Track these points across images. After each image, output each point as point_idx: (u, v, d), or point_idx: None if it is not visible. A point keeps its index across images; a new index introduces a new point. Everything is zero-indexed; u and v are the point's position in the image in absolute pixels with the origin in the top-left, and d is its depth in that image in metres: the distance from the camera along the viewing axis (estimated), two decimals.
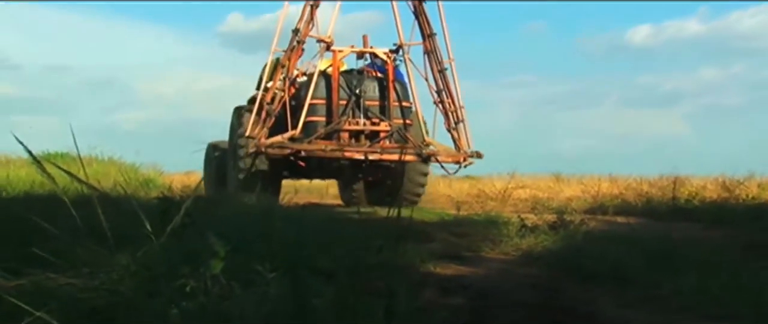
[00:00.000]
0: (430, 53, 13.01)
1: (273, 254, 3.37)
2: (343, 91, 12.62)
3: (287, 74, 12.64)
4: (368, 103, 12.70)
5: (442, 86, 13.00)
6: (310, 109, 12.42)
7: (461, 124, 12.91)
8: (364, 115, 12.66)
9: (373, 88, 12.83)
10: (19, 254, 3.12)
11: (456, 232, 7.91)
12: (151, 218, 2.92)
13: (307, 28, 12.67)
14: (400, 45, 13.05)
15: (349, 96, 12.61)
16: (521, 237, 7.02)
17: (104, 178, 13.42)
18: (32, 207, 5.49)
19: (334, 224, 6.53)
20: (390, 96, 12.74)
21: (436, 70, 13.00)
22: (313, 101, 12.44)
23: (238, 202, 8.32)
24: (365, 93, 12.67)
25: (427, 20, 12.96)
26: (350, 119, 12.55)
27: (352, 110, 12.60)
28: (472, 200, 15.38)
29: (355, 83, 12.66)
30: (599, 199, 15.27)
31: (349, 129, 12.56)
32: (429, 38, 12.97)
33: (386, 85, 12.87)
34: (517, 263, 6.19)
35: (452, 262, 5.95)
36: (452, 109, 12.97)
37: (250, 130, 12.26)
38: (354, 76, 12.89)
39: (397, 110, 12.81)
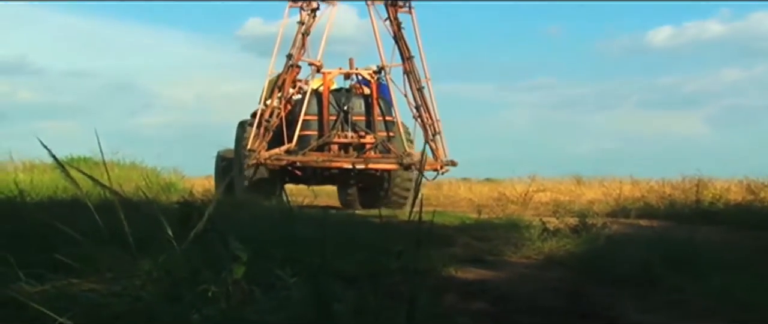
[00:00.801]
0: (408, 73, 14.78)
1: (294, 259, 3.37)
2: (333, 107, 14.42)
3: (283, 93, 14.48)
4: (355, 118, 14.43)
5: (420, 102, 14.71)
6: (304, 124, 14.25)
7: (438, 136, 14.63)
8: (352, 129, 14.39)
9: (360, 105, 14.58)
10: (43, 259, 3.13)
11: (477, 236, 7.87)
12: (172, 223, 2.93)
13: (299, 53, 14.66)
14: (382, 66, 14.86)
15: (338, 112, 14.40)
16: (543, 240, 6.98)
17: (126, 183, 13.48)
18: (56, 212, 5.54)
19: (355, 228, 6.52)
20: (374, 111, 14.50)
21: (415, 88, 14.76)
22: (307, 117, 14.28)
23: (259, 206, 8.34)
24: (352, 109, 14.43)
25: (405, 44, 14.78)
26: (339, 133, 14.30)
27: (341, 125, 14.36)
28: (493, 203, 15.32)
29: (344, 100, 14.47)
30: (621, 202, 15.17)
31: (339, 141, 14.29)
32: (407, 60, 14.73)
33: (371, 101, 14.61)
34: (540, 267, 6.15)
35: (474, 266, 5.92)
36: (430, 122, 14.68)
37: (250, 144, 14.08)
38: (342, 94, 14.68)
39: (382, 124, 14.60)
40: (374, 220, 8.41)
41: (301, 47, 14.70)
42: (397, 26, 14.81)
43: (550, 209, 12.91)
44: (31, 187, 12.65)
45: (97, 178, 3.11)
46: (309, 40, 14.81)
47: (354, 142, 14.42)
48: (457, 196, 21.95)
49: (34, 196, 10.72)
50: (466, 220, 10.40)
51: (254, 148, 13.99)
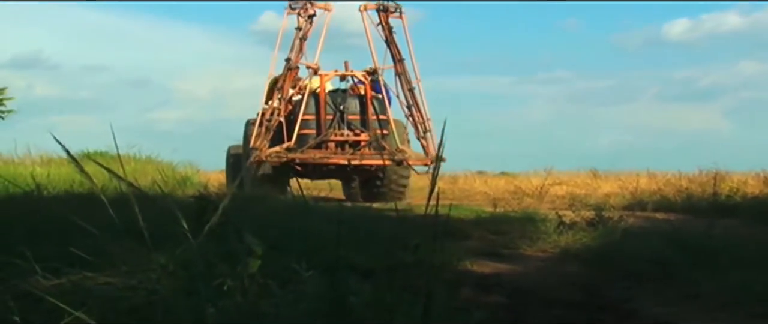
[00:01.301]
0: (400, 75, 15.85)
1: (310, 252, 3.36)
2: (330, 108, 15.55)
3: (282, 95, 15.53)
4: (350, 117, 15.59)
5: (411, 102, 15.76)
6: (303, 124, 15.40)
7: (428, 133, 15.62)
8: (348, 128, 15.56)
9: (355, 105, 15.72)
10: (60, 253, 3.14)
11: (493, 230, 7.87)
12: (188, 217, 2.93)
13: (297, 56, 15.71)
14: (374, 68, 15.94)
15: (334, 112, 15.52)
16: (559, 234, 6.96)
17: (142, 177, 13.54)
18: (72, 206, 5.56)
19: (371, 222, 6.52)
20: (368, 111, 15.64)
21: (406, 89, 15.80)
22: (305, 117, 15.43)
23: (275, 200, 8.36)
24: (348, 109, 15.58)
25: (396, 48, 15.82)
26: (336, 131, 15.44)
27: (338, 124, 15.48)
28: (509, 197, 15.31)
29: (340, 101, 15.60)
30: (638, 195, 15.09)
31: (335, 139, 15.45)
32: (399, 62, 15.78)
33: (366, 101, 15.73)
34: (556, 260, 6.13)
35: (490, 260, 5.91)
36: (421, 121, 15.72)
37: (253, 142, 15.19)
38: (339, 95, 15.79)
39: (375, 122, 15.68)
40: (390, 213, 8.40)
41: (299, 51, 15.75)
42: (388, 31, 15.84)
43: (566, 203, 12.88)
44: (48, 180, 12.72)
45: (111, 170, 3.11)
46: (306, 44, 15.91)
47: (350, 140, 15.56)
48: (472, 189, 21.92)
49: (51, 189, 10.77)
50: (482, 213, 10.39)
51: (256, 146, 15.09)
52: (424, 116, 15.70)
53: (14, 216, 5.58)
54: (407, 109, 15.90)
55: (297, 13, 15.83)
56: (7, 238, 4.06)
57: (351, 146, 15.59)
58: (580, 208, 8.81)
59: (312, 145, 15.35)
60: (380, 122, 15.82)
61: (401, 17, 15.96)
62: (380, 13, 15.93)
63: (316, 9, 15.89)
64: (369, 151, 15.52)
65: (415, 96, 15.81)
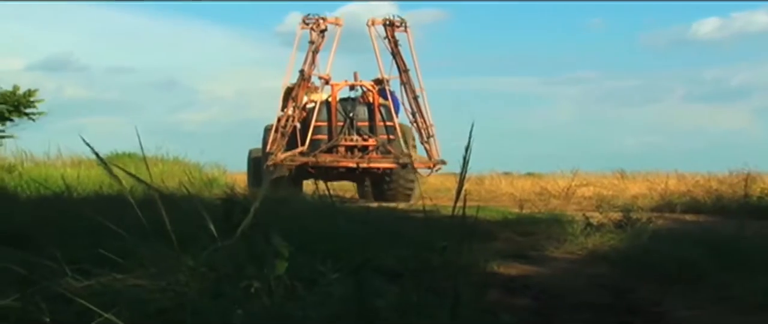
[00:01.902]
0: (405, 84, 17.31)
1: (336, 254, 3.36)
2: (340, 115, 16.92)
3: (296, 103, 16.96)
4: (359, 123, 16.95)
5: (415, 110, 17.20)
6: (315, 130, 16.79)
7: (432, 139, 17.03)
8: (357, 133, 16.87)
9: (364, 112, 17.11)
10: (89, 254, 3.17)
11: (519, 231, 7.83)
12: (215, 219, 2.94)
13: (310, 68, 17.14)
14: (381, 78, 17.36)
15: (344, 119, 16.89)
16: (586, 236, 6.90)
17: (169, 178, 13.65)
18: (101, 207, 5.61)
19: (397, 223, 6.51)
20: (376, 117, 16.99)
21: (411, 97, 17.30)
22: (318, 124, 16.82)
23: (302, 201, 8.38)
24: (357, 116, 16.96)
25: (402, 59, 17.26)
26: (346, 137, 16.78)
27: (347, 130, 16.84)
28: (535, 198, 15.25)
29: (350, 108, 17.01)
30: (666, 196, 14.95)
31: (345, 144, 16.77)
32: (404, 73, 17.25)
33: (373, 109, 17.11)
34: (583, 263, 6.09)
35: (516, 262, 5.88)
36: (424, 127, 17.12)
37: (269, 147, 16.70)
38: (349, 103, 17.19)
39: (383, 128, 17.04)
40: (417, 214, 8.39)
41: (311, 63, 17.18)
42: (394, 44, 17.30)
43: (593, 204, 12.79)
44: (77, 182, 12.86)
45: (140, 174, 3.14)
46: (319, 57, 17.41)
47: (359, 145, 16.88)
48: (498, 190, 21.86)
49: (81, 191, 10.89)
50: (508, 215, 10.34)
51: (272, 150, 16.52)
52: (428, 122, 17.12)
53: (45, 217, 5.64)
54: (412, 115, 17.35)
55: (310, 28, 17.22)
56: (38, 240, 4.11)
57: (360, 150, 16.90)
58: (607, 210, 8.74)
59: (323, 149, 16.67)
60: (387, 128, 17.20)
61: (406, 31, 17.38)
62: (387, 27, 17.37)
63: (328, 24, 17.36)
64: (376, 154, 16.85)
65: (419, 103, 17.25)
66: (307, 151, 16.64)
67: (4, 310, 2.60)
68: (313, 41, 17.23)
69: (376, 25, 17.49)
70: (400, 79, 17.36)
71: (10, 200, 9.23)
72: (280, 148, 16.62)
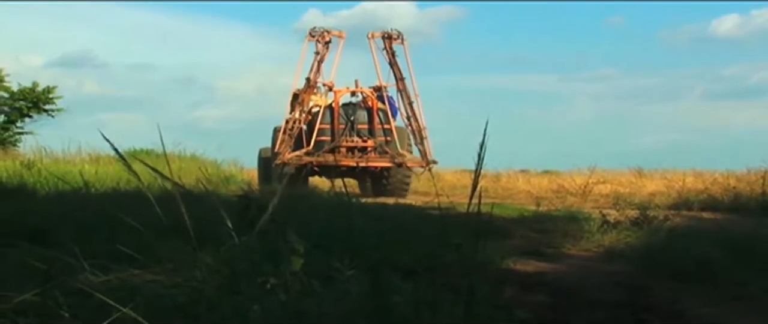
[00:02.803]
0: (401, 91, 19.23)
1: (352, 251, 3.36)
2: (342, 118, 18.79)
3: (302, 107, 18.83)
4: (360, 126, 18.83)
5: (410, 114, 19.08)
6: (319, 132, 18.68)
7: (425, 140, 18.96)
8: (357, 135, 18.76)
9: (363, 116, 18.98)
10: (108, 250, 3.19)
11: (536, 228, 7.81)
12: (231, 215, 2.95)
13: (315, 76, 19.09)
14: (379, 86, 19.34)
15: (346, 122, 18.76)
16: (603, 233, 6.88)
17: (186, 175, 13.72)
18: (119, 203, 5.65)
19: (413, 220, 6.51)
20: (374, 121, 18.87)
21: (406, 103, 19.14)
22: (321, 126, 18.74)
23: (318, 198, 8.39)
24: (357, 120, 18.83)
25: (399, 68, 19.18)
26: (347, 138, 18.66)
27: (349, 132, 18.71)
28: (552, 195, 15.21)
29: (351, 113, 18.90)
30: (684, 194, 14.85)
31: (346, 145, 18.62)
32: (400, 81, 19.15)
33: (372, 113, 18.98)
34: (599, 260, 6.06)
35: (532, 259, 5.87)
36: (418, 130, 18.97)
37: (278, 147, 18.45)
38: (350, 108, 19.12)
39: (381, 131, 18.93)
40: (432, 211, 8.38)
41: (317, 71, 19.10)
42: (391, 55, 19.18)
43: (610, 201, 12.72)
44: (96, 178, 12.97)
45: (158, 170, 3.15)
46: (323, 66, 19.36)
47: (358, 146, 18.71)
48: (515, 188, 21.81)
49: (99, 187, 10.96)
50: (525, 212, 10.31)
51: (280, 150, 18.24)
52: (421, 125, 18.97)
53: (63, 213, 5.69)
54: (407, 119, 19.21)
55: (316, 40, 19.06)
56: (56, 235, 4.15)
57: (359, 151, 18.74)
58: (624, 207, 8.68)
59: (327, 149, 18.48)
60: (385, 131, 19.06)
61: (403, 44, 19.31)
62: (385, 40, 19.27)
63: (332, 36, 19.19)
64: (375, 155, 18.70)
65: (414, 109, 19.14)
66: (312, 151, 18.47)
67: (24, 305, 2.62)
68: (319, 52, 19.09)
69: (375, 38, 19.42)
70: (397, 87, 19.24)
71: (30, 196, 9.32)
72: (287, 148, 18.35)
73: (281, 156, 18.19)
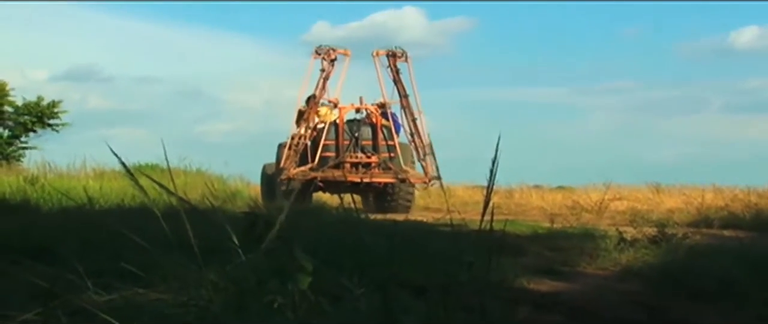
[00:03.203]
0: (405, 108, 19.97)
1: (362, 269, 3.36)
2: (347, 134, 19.44)
3: (308, 124, 19.57)
4: (364, 142, 19.48)
5: (414, 131, 19.81)
6: (324, 148, 19.27)
7: (428, 157, 19.65)
8: (361, 151, 19.40)
9: (368, 132, 19.63)
10: (112, 267, 3.20)
11: (550, 246, 7.77)
12: (238, 232, 2.96)
13: (321, 93, 19.86)
14: (383, 103, 20.09)
15: (350, 138, 19.42)
16: (620, 251, 6.85)
17: (192, 190, 13.77)
18: (124, 219, 5.66)
19: (424, 238, 6.50)
20: (378, 137, 19.57)
21: (410, 119, 19.91)
22: (326, 142, 19.34)
23: (326, 214, 8.40)
24: (362, 136, 19.47)
25: (402, 86, 19.95)
26: (352, 154, 19.29)
27: (353, 148, 19.32)
28: (567, 212, 15.17)
29: (355, 129, 19.57)
30: (703, 211, 14.79)
31: (351, 161, 19.26)
32: (404, 98, 19.87)
33: (376, 129, 19.66)
34: (616, 279, 6.04)
35: (547, 278, 5.84)
36: (421, 146, 19.75)
37: (283, 163, 19.19)
38: (354, 124, 19.78)
39: (384, 147, 19.63)
40: (443, 228, 8.37)
41: (322, 89, 19.87)
42: (395, 72, 19.93)
43: (626, 218, 12.67)
44: (100, 194, 13.01)
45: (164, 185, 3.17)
46: (329, 83, 20.09)
47: (362, 161, 19.35)
48: (528, 204, 21.77)
49: (103, 203, 11.01)
50: (539, 229, 10.28)
51: (285, 166, 19.00)
52: (424, 142, 19.74)
53: (67, 229, 5.71)
54: (411, 136, 19.94)
55: (321, 58, 19.77)
56: (59, 253, 4.16)
57: (363, 167, 19.41)
58: (641, 225, 8.65)
59: (331, 165, 19.13)
60: (388, 147, 19.80)
61: (407, 61, 20.05)
62: (389, 58, 19.98)
63: (337, 54, 19.98)
64: (378, 170, 19.40)
65: (417, 125, 19.82)
66: (317, 167, 19.17)
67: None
68: (324, 69, 19.85)
69: (380, 55, 20.18)
70: (401, 104, 20.01)
71: (33, 212, 9.36)
72: (292, 163, 19.10)
73: (286, 171, 18.94)
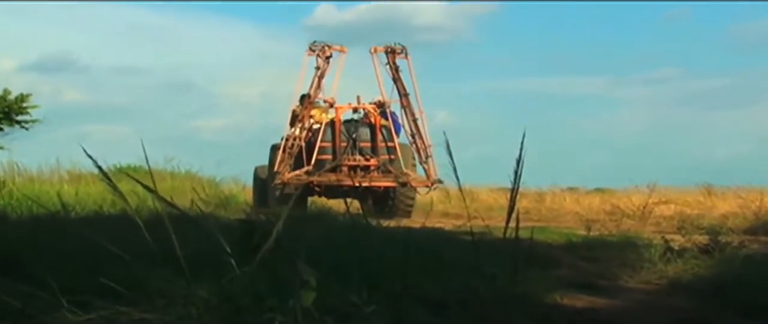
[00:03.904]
0: (405, 108, 20.75)
1: (372, 282, 3.37)
2: (344, 136, 20.23)
3: (302, 125, 20.25)
4: (362, 144, 20.29)
5: (414, 132, 20.61)
6: (320, 150, 20.06)
7: (430, 159, 20.51)
8: (359, 153, 20.21)
9: (366, 133, 20.43)
10: (89, 283, 3.22)
11: (586, 256, 7.78)
12: (232, 242, 2.97)
13: (315, 92, 20.58)
14: (382, 102, 20.88)
15: (348, 140, 20.17)
16: (666, 262, 6.84)
17: (180, 195, 13.82)
18: (103, 229, 5.69)
19: (442, 246, 6.52)
20: (377, 138, 20.39)
21: (410, 119, 20.68)
22: (322, 144, 20.13)
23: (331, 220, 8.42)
24: (360, 137, 20.29)
25: (402, 84, 20.68)
26: (349, 157, 20.11)
27: (351, 150, 20.13)
28: (605, 218, 15.14)
29: (353, 130, 20.34)
30: (761, 216, 14.75)
31: (348, 164, 20.03)
32: (404, 97, 20.64)
33: (375, 130, 20.43)
34: (662, 294, 6.04)
35: (583, 292, 5.85)
36: (423, 147, 20.59)
37: (277, 166, 19.78)
38: (352, 124, 20.54)
39: (384, 149, 20.44)
40: (464, 236, 8.39)
41: (317, 87, 20.60)
42: (395, 70, 20.74)
43: (674, 225, 12.66)
44: (76, 200, 13.07)
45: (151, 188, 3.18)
46: (324, 82, 20.77)
47: (361, 164, 20.13)
48: (561, 208, 21.76)
49: (80, 210, 11.06)
50: (573, 237, 10.28)
51: (279, 170, 19.63)
52: (426, 143, 20.58)
53: (39, 240, 5.74)
54: (411, 137, 20.77)
55: (316, 55, 20.55)
56: (30, 267, 4.18)
57: (362, 170, 20.21)
58: (691, 232, 8.64)
59: (328, 168, 20.00)
60: (388, 149, 20.61)
61: (407, 58, 20.90)
62: (388, 54, 20.78)
63: (333, 51, 20.78)
64: (377, 174, 20.25)
65: (418, 126, 20.64)
66: (313, 170, 20.02)
67: None
68: (319, 67, 20.63)
69: (378, 52, 20.94)
70: (401, 103, 20.82)
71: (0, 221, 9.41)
72: (287, 167, 19.86)
73: (281, 176, 19.62)
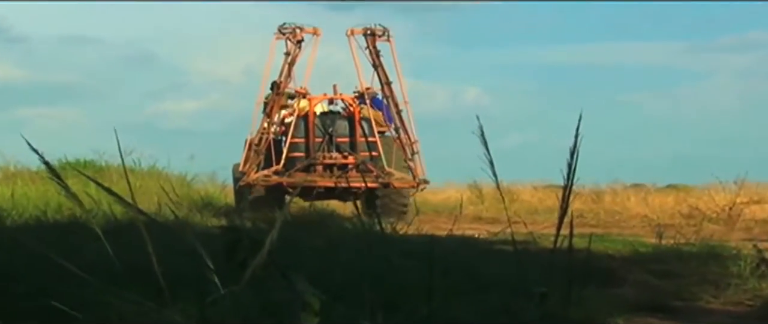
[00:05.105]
0: (387, 98, 21.81)
1: (388, 304, 3.39)
2: (319, 130, 21.43)
3: (270, 119, 21.58)
4: (339, 140, 21.48)
5: (399, 124, 21.70)
6: (292, 147, 21.32)
7: (416, 156, 21.69)
8: (336, 150, 21.39)
9: (344, 127, 21.69)
10: (33, 307, 3.24)
11: (657, 271, 7.80)
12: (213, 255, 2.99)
13: (285, 81, 21.73)
14: (362, 91, 22.06)
15: (323, 135, 21.38)
16: (759, 278, 6.86)
17: (143, 196, 13.88)
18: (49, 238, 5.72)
19: (476, 260, 6.54)
20: (356, 133, 21.58)
21: (395, 111, 21.64)
22: (294, 140, 21.34)
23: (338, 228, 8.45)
24: (337, 132, 21.46)
25: (384, 71, 21.72)
26: (325, 154, 21.30)
27: (327, 146, 21.29)
28: (681, 222, 15.16)
29: (329, 123, 21.55)
30: None
31: (323, 162, 21.31)
32: (386, 85, 21.69)
33: (354, 124, 21.67)
34: (755, 317, 6.05)
35: (654, 316, 5.88)
36: (408, 143, 21.68)
37: (242, 166, 21.20)
38: (328, 117, 21.88)
39: (364, 145, 21.65)
40: (504, 247, 8.41)
41: (287, 76, 21.79)
42: (375, 55, 21.74)
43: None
44: (12, 203, 13.12)
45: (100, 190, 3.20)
46: (295, 69, 21.96)
47: (338, 163, 21.39)
48: (625, 211, 21.76)
49: (17, 216, 11.11)
50: (640, 246, 10.29)
51: (244, 170, 20.93)
52: (412, 138, 21.73)
53: None
54: (395, 131, 21.93)
55: (286, 39, 21.64)
56: None
57: (339, 168, 21.43)
58: None
59: (299, 168, 21.20)
60: (369, 144, 21.80)
61: (389, 41, 22.00)
62: (367, 37, 21.84)
63: (305, 34, 21.85)
64: (356, 173, 21.13)
65: (403, 118, 21.77)
66: (282, 170, 21.18)
67: None
68: (289, 52, 21.71)
69: (355, 35, 21.97)
70: (383, 92, 21.99)
71: None
72: (253, 166, 21.10)
73: (247, 177, 20.82)
